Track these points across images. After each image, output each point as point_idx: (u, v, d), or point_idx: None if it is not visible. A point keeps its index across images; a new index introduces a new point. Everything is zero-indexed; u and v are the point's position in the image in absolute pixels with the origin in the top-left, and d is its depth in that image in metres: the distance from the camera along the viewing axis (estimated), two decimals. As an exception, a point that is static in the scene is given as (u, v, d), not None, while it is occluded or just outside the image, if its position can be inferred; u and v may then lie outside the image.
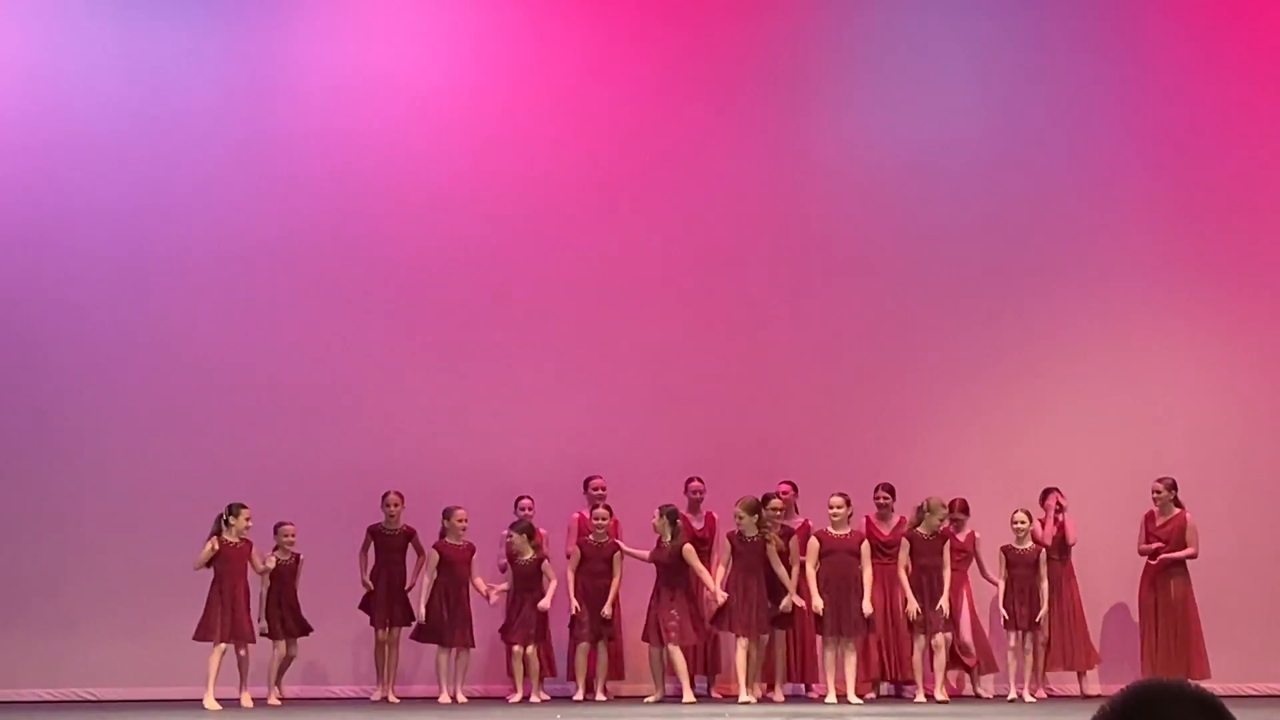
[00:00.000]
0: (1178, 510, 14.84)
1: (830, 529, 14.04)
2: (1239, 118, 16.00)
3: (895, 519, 14.62)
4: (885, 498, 14.66)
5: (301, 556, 14.18)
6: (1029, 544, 14.49)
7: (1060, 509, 14.83)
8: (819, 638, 14.17)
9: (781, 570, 14.09)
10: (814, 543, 14.01)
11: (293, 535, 14.16)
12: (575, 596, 14.26)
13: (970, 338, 15.73)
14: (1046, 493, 14.90)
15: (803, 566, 14.02)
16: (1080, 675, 14.92)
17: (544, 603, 14.21)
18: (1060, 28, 16.03)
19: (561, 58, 15.73)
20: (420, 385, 15.29)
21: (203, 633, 13.45)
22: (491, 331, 15.43)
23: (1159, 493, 14.84)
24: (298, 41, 15.58)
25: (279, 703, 13.90)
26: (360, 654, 14.80)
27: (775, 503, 14.32)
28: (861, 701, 13.78)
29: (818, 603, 13.84)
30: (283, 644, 14.04)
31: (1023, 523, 14.43)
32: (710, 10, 15.93)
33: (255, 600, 13.92)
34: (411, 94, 15.58)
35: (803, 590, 13.98)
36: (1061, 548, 14.82)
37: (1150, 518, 14.90)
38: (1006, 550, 14.45)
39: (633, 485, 14.75)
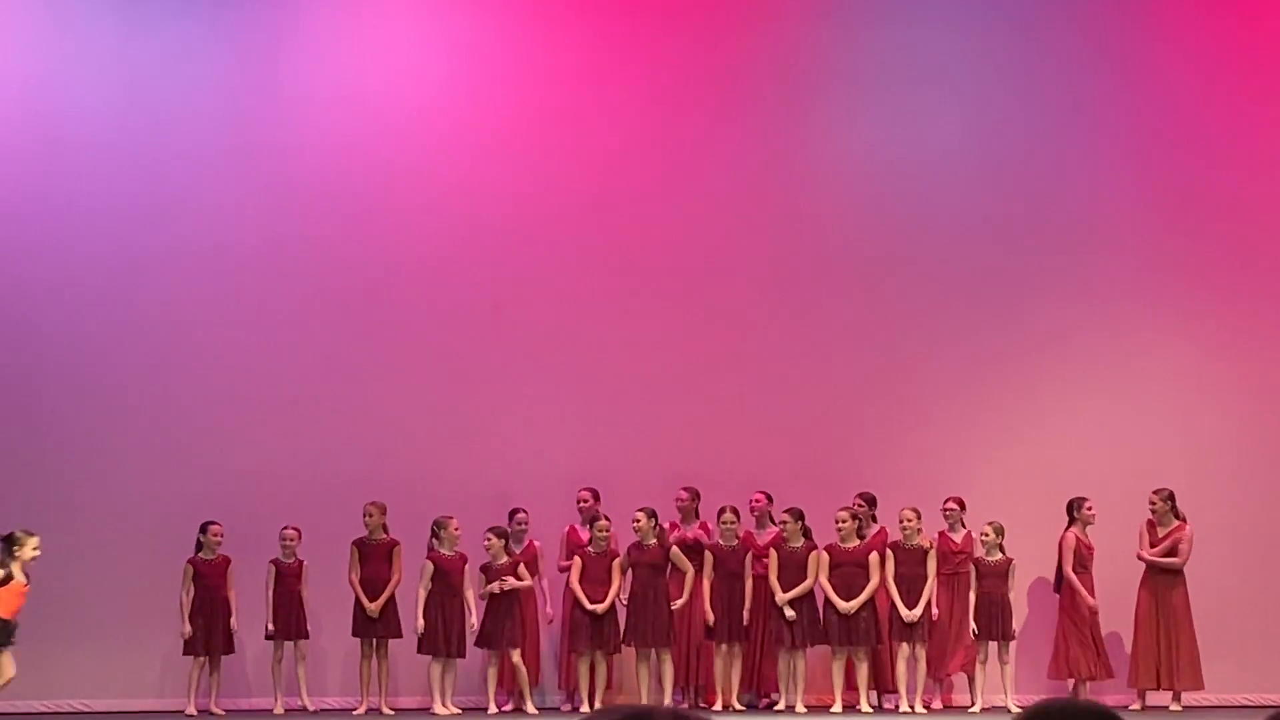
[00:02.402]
0: (1178, 522, 14.83)
1: (839, 542, 14.24)
2: (1239, 131, 15.97)
3: (874, 529, 14.67)
4: (861, 506, 14.69)
5: (305, 562, 14.44)
6: (998, 556, 14.55)
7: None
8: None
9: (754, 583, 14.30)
10: (824, 556, 14.25)
11: (291, 540, 14.41)
12: (577, 607, 14.32)
13: (967, 349, 15.69)
14: (1082, 502, 14.85)
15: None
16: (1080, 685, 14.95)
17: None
18: (1061, 39, 16.00)
19: (558, 68, 15.75)
20: (414, 395, 15.29)
21: (186, 647, 14.20)
22: (486, 341, 15.44)
23: (1155, 505, 14.84)
24: (294, 52, 15.60)
25: (310, 707, 14.35)
26: (352, 665, 14.88)
27: (727, 516, 14.46)
28: (872, 711, 13.93)
29: (789, 612, 14.11)
30: (287, 646, 14.35)
31: (987, 535, 14.49)
32: (708, 20, 15.94)
33: (263, 604, 14.33)
34: (408, 104, 15.62)
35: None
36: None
37: (1151, 526, 14.88)
38: (977, 562, 14.51)
39: (627, 497, 14.76)
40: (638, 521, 14.29)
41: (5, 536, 12.64)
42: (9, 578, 12.71)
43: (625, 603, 14.36)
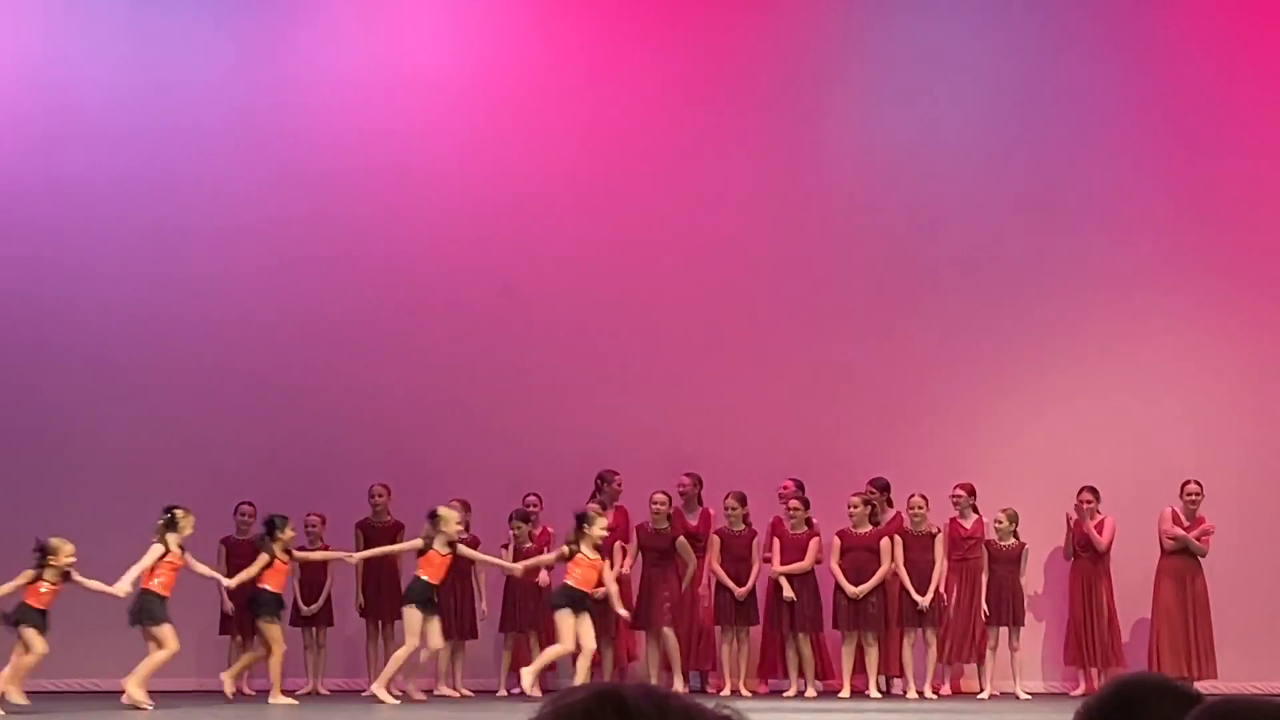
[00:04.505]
0: (1198, 514, 14.86)
1: (851, 528, 14.29)
2: (1249, 122, 15.96)
3: (889, 515, 14.68)
4: (873, 493, 14.69)
5: (331, 548, 14.47)
6: (1011, 541, 14.53)
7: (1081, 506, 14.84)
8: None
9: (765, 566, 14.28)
10: (836, 540, 14.31)
11: (314, 526, 14.50)
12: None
13: (978, 340, 15.71)
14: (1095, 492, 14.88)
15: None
16: (1101, 674, 14.92)
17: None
18: (1069, 31, 16.00)
19: (572, 52, 15.80)
20: (422, 377, 15.37)
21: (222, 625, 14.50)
22: (501, 327, 15.51)
23: (1197, 495, 14.81)
24: (307, 38, 15.71)
25: (328, 693, 14.45)
26: (360, 648, 14.92)
27: (730, 502, 14.44)
28: (881, 696, 13.93)
29: (788, 593, 14.11)
30: (309, 634, 14.53)
31: (1001, 521, 14.51)
32: (724, 5, 15.98)
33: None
34: (422, 91, 15.67)
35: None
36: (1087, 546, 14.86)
37: (1175, 517, 14.82)
38: (989, 546, 14.54)
39: (641, 482, 14.76)
40: (659, 504, 14.27)
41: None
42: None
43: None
